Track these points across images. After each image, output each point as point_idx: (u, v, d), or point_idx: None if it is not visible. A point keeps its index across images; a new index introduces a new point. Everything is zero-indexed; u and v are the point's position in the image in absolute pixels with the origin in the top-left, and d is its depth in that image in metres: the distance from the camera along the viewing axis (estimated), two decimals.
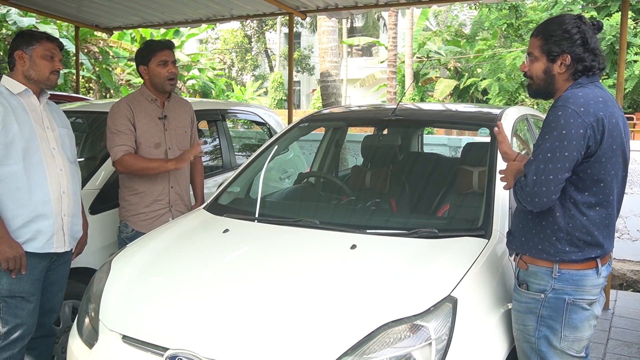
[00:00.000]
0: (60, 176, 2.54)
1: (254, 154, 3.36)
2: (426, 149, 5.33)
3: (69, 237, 2.59)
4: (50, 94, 2.68)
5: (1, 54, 14.73)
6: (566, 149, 1.84)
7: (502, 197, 2.47)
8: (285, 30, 30.22)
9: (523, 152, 3.43)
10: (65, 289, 3.00)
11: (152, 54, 3.08)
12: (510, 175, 2.08)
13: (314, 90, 31.05)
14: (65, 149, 2.63)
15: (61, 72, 2.81)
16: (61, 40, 2.82)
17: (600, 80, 2.07)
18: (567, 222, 1.94)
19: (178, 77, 3.25)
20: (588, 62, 1.96)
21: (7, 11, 14.32)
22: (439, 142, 10.19)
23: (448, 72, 25.72)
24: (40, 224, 2.47)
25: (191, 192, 3.40)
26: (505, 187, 2.17)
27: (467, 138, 11.10)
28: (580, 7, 19.66)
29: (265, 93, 32.34)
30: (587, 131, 1.85)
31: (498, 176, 2.54)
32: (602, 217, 1.97)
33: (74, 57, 11.61)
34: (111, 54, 18.19)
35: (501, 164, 2.60)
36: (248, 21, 27.75)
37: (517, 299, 2.07)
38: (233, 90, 28.73)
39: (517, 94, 21.58)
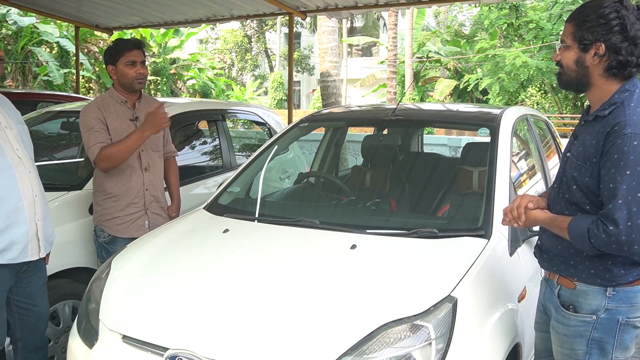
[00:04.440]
0: (31, 179, 2.38)
1: (254, 154, 3.36)
2: (426, 149, 5.32)
3: (44, 242, 2.44)
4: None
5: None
6: None
7: (502, 197, 2.46)
8: (285, 30, 30.19)
9: (523, 153, 3.44)
10: (66, 290, 3.00)
11: (120, 53, 2.98)
12: (532, 220, 1.95)
13: (314, 90, 31.06)
14: (27, 147, 2.44)
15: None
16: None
17: None
18: None
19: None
20: (624, 55, 1.72)
21: (7, 11, 14.33)
22: (439, 142, 10.19)
23: (448, 72, 25.72)
24: (14, 233, 2.30)
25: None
26: (503, 223, 2.09)
27: (467, 138, 11.11)
28: None
29: (265, 93, 32.35)
30: None
31: (498, 176, 2.55)
32: None
33: (74, 57, 11.62)
34: None
35: (501, 164, 2.61)
36: (248, 21, 27.74)
37: (563, 323, 1.91)
38: (233, 90, 28.74)
39: (517, 94, 21.58)
